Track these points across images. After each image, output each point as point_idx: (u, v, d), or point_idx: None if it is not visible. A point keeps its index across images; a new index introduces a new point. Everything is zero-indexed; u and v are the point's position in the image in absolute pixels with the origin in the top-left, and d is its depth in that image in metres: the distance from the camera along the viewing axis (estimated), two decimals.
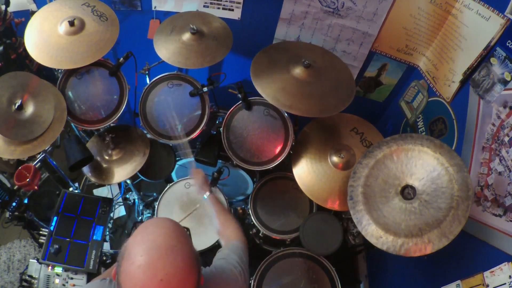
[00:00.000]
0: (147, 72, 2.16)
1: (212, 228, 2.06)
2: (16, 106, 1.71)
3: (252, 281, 1.91)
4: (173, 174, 2.48)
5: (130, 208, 2.83)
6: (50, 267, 1.91)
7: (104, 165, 2.05)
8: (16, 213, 1.99)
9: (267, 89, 1.82)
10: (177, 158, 2.31)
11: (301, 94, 1.83)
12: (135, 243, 0.87)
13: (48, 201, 2.55)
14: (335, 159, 1.95)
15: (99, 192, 2.89)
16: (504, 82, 1.50)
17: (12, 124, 1.70)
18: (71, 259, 1.92)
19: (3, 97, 1.71)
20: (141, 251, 0.84)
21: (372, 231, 1.55)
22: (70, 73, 1.91)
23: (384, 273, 2.45)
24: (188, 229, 1.24)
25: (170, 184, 2.18)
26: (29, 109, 1.75)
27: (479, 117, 1.64)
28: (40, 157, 1.99)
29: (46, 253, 1.91)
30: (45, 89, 1.81)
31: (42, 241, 2.00)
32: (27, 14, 2.15)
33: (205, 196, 1.68)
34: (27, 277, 1.95)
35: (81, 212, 2.06)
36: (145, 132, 2.11)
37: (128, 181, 2.40)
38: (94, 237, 1.99)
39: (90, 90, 1.94)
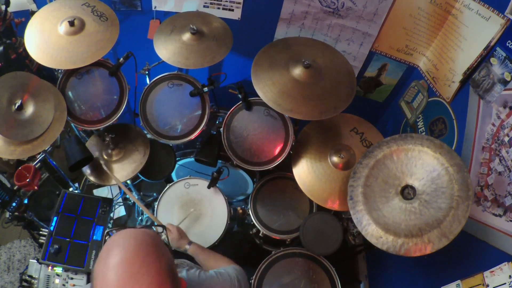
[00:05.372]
0: (147, 72, 2.16)
1: (211, 228, 2.06)
2: (16, 106, 1.71)
3: (252, 281, 1.91)
4: (173, 174, 2.48)
5: (130, 208, 2.83)
6: (50, 267, 1.91)
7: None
8: (16, 213, 1.99)
9: (268, 94, 1.82)
10: (177, 158, 2.31)
11: (302, 97, 1.82)
12: (98, 270, 0.83)
13: (48, 201, 2.55)
14: (335, 159, 1.94)
15: (99, 192, 2.89)
16: (504, 82, 1.50)
17: (12, 124, 1.70)
18: (71, 259, 1.92)
19: (3, 97, 1.70)
20: (101, 280, 0.81)
21: (372, 231, 1.54)
22: (70, 73, 1.91)
23: (384, 273, 2.45)
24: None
25: (170, 184, 2.18)
26: (29, 109, 1.75)
27: (479, 117, 1.64)
28: (40, 157, 1.99)
29: (46, 253, 1.91)
30: (45, 89, 1.81)
31: (42, 241, 2.00)
32: (27, 14, 2.15)
33: (187, 249, 1.59)
34: (27, 277, 1.94)
35: (81, 212, 2.06)
36: (145, 132, 2.11)
37: (128, 182, 2.40)
38: (94, 237, 1.99)
39: (90, 90, 1.94)
